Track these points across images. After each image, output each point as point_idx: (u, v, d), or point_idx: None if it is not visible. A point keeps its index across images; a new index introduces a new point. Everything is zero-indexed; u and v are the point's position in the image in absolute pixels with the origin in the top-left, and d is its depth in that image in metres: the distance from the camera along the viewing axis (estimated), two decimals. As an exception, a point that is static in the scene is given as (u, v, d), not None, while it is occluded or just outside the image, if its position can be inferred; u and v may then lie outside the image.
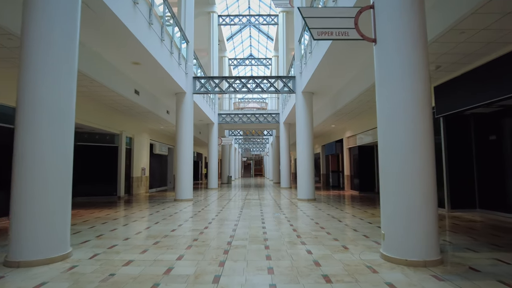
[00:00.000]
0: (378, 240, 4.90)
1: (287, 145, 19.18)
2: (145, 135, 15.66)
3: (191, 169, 11.54)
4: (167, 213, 8.12)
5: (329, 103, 12.75)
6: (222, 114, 19.81)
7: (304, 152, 11.32)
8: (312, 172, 11.30)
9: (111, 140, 12.96)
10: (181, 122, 11.54)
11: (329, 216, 7.51)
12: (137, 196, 13.37)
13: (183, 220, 6.88)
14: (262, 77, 11.94)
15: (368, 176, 14.66)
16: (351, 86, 9.97)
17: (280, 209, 8.81)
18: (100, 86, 8.31)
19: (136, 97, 10.23)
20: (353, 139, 15.37)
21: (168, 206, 9.58)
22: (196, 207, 9.50)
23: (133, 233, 5.52)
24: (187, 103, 11.64)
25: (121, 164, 13.00)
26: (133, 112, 11.92)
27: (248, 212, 8.15)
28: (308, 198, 11.11)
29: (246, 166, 57.97)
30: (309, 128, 11.42)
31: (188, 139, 11.53)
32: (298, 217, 7.33)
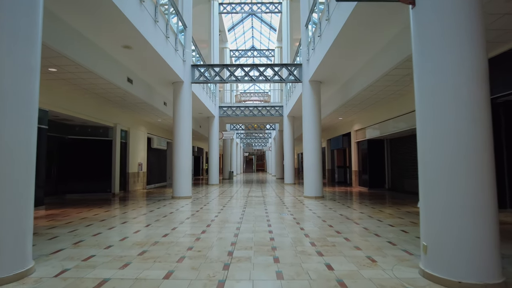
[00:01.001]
0: (409, 249, 4.08)
1: (291, 139, 18.33)
2: (142, 129, 14.84)
3: (189, 164, 10.73)
4: (162, 213, 7.33)
5: (338, 93, 11.87)
6: (223, 107, 18.94)
7: (312, 146, 10.47)
8: (320, 168, 10.47)
9: (104, 134, 12.15)
10: (179, 114, 10.70)
11: (342, 217, 6.69)
12: (133, 193, 12.59)
13: (178, 222, 6.08)
14: (265, 65, 11.05)
15: (378, 172, 13.81)
16: (364, 73, 9.08)
17: (286, 208, 8.00)
18: (87, 72, 7.46)
19: (129, 86, 9.39)
20: (362, 133, 14.50)
21: (164, 205, 8.79)
22: (195, 205, 8.71)
23: (118, 239, 4.72)
24: (185, 93, 10.79)
25: (116, 159, 12.20)
26: (127, 103, 11.08)
27: (252, 212, 7.35)
28: (316, 195, 10.30)
29: (248, 161, 57.21)
30: (316, 120, 10.56)
31: (186, 132, 10.70)
32: (307, 218, 6.51)
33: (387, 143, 13.82)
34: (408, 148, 11.90)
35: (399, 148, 12.75)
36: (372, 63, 8.38)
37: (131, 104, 11.22)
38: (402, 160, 12.51)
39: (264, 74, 10.92)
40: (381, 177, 13.82)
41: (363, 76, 9.17)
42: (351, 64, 9.00)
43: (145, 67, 9.27)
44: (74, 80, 8.13)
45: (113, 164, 12.15)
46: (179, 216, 6.79)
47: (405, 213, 7.14)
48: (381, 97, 10.27)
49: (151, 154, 16.66)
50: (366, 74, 8.93)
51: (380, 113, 12.09)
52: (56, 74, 7.56)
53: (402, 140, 12.42)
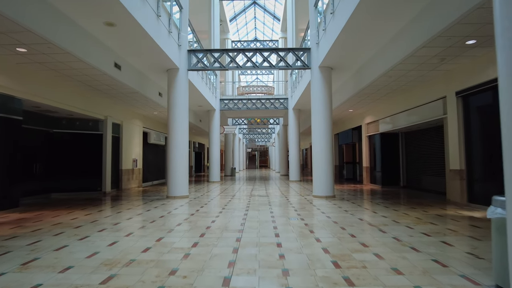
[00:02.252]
0: (468, 274, 3.01)
1: (297, 133, 17.24)
2: (137, 122, 13.81)
3: (185, 161, 9.69)
4: (151, 217, 6.30)
5: (350, 81, 10.74)
6: (225, 100, 17.86)
7: (322, 139, 9.39)
8: (331, 164, 9.40)
9: (94, 127, 11.13)
10: (174, 104, 9.64)
11: (362, 222, 5.62)
12: (127, 192, 11.60)
13: (166, 230, 5.04)
14: (270, 50, 9.94)
15: (392, 168, 12.70)
16: (383, 55, 7.95)
17: (295, 211, 6.95)
18: (64, 53, 6.41)
19: (117, 72, 8.34)
20: (375, 126, 13.37)
21: (156, 206, 7.77)
22: (191, 207, 7.68)
23: (85, 256, 3.69)
24: (181, 82, 9.72)
25: (107, 155, 11.19)
26: (117, 93, 10.03)
27: (255, 216, 6.30)
28: (326, 195, 9.23)
29: (251, 158, 56.18)
30: (327, 110, 9.46)
31: (182, 125, 9.65)
32: (322, 224, 5.45)
33: (402, 137, 12.69)
34: (427, 142, 10.78)
35: (416, 142, 11.63)
36: (395, 42, 7.25)
37: (122, 94, 10.17)
38: (419, 155, 11.39)
39: (268, 60, 9.82)
40: (395, 174, 12.71)
41: (381, 59, 8.05)
42: (369, 45, 7.87)
43: (134, 50, 8.21)
44: (51, 64, 7.08)
45: (104, 160, 11.15)
46: (170, 222, 5.75)
47: (435, 217, 6.06)
48: (400, 84, 9.14)
49: (148, 149, 15.66)
50: (385, 56, 7.80)
51: (396, 104, 10.96)
52: (28, 56, 6.51)
53: (419, 133, 11.29)
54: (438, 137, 9.92)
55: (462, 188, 7.54)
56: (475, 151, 7.36)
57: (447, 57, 6.92)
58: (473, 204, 7.26)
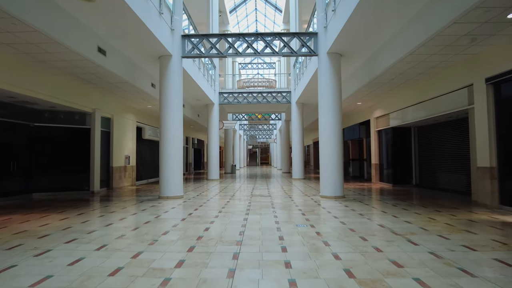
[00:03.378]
0: None
1: (300, 129, 16.30)
2: (130, 116, 12.89)
3: (180, 157, 8.78)
4: (135, 222, 5.40)
5: (361, 70, 9.78)
6: (224, 93, 16.92)
7: (330, 134, 8.46)
8: (340, 161, 8.48)
9: (81, 121, 10.22)
10: (167, 95, 8.71)
11: (385, 229, 4.71)
12: (117, 191, 10.71)
13: (148, 241, 4.14)
14: (273, 34, 8.99)
15: (404, 165, 11.77)
16: (402, 37, 6.99)
17: (302, 215, 6.04)
18: (32, 32, 5.48)
19: (101, 58, 7.41)
20: (385, 120, 12.42)
21: (145, 209, 6.87)
22: (184, 209, 6.78)
23: (30, 282, 2.79)
24: (174, 70, 8.78)
25: (95, 151, 10.29)
26: (104, 83, 9.10)
27: (257, 221, 5.39)
28: (335, 195, 8.32)
29: (252, 154, 55.27)
30: (336, 101, 8.52)
31: (176, 117, 8.73)
32: (337, 233, 4.54)
33: (414, 131, 11.75)
34: (445, 137, 9.84)
35: (431, 136, 10.69)
36: (418, 19, 6.29)
37: (110, 84, 9.24)
38: (434, 151, 10.45)
39: (271, 45, 8.86)
40: (406, 171, 11.78)
41: (400, 42, 7.09)
42: (386, 25, 6.91)
43: (120, 33, 7.27)
44: (21, 46, 6.15)
45: (92, 156, 10.24)
46: (155, 229, 4.85)
47: (469, 223, 5.14)
48: (418, 72, 8.18)
49: (143, 145, 14.76)
50: (405, 38, 6.84)
51: (411, 95, 10.00)
52: (-10, 34, 5.59)
53: (436, 127, 10.35)
54: (459, 131, 8.98)
55: (493, 189, 6.60)
56: (509, 146, 6.41)
57: (479, 37, 5.96)
58: (507, 207, 6.32)
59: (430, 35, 5.89)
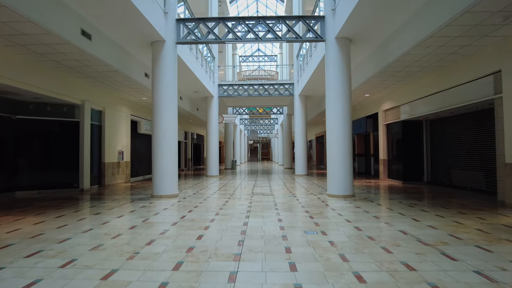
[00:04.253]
0: None
1: (303, 123, 15.54)
2: (124, 109, 12.16)
3: (174, 152, 8.06)
4: (119, 227, 4.70)
5: (371, 58, 8.99)
6: (223, 85, 16.14)
7: (339, 127, 7.71)
8: (350, 156, 7.75)
9: (69, 113, 9.49)
10: (160, 84, 7.96)
11: (409, 237, 3.99)
12: (109, 189, 10.02)
13: (127, 255, 3.43)
14: (276, 18, 8.20)
15: (415, 161, 11.04)
16: (418, 20, 6.20)
17: (310, 218, 5.32)
18: (1, 7, 4.74)
19: (86, 42, 6.65)
20: (394, 113, 11.66)
21: (134, 210, 6.17)
22: (177, 210, 6.08)
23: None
24: (168, 57, 8.03)
25: (85, 146, 9.58)
26: (92, 72, 8.35)
27: (259, 227, 4.69)
28: (344, 194, 7.61)
29: (253, 150, 54.60)
30: (345, 91, 7.76)
31: (170, 109, 7.99)
32: (355, 244, 3.83)
33: (426, 125, 10.99)
34: (462, 130, 9.09)
35: (446, 130, 9.93)
36: (429, 6, 5.51)
37: (98, 73, 8.49)
38: (449, 145, 9.71)
39: (274, 30, 8.09)
40: (417, 167, 11.05)
41: (419, 23, 6.30)
42: (403, 5, 6.12)
43: (105, 13, 6.51)
44: (-9, 26, 5.41)
45: (81, 152, 9.54)
46: (139, 237, 4.14)
47: (506, 229, 4.41)
48: (436, 58, 7.40)
49: (138, 140, 14.05)
50: (425, 18, 6.05)
51: (425, 85, 9.22)
52: (-49, 11, 4.84)
53: (452, 119, 9.59)
54: (480, 123, 8.23)
55: (525, 188, 5.88)
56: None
57: (514, 14, 5.18)
58: (541, 209, 5.60)
59: (458, 11, 5.11)
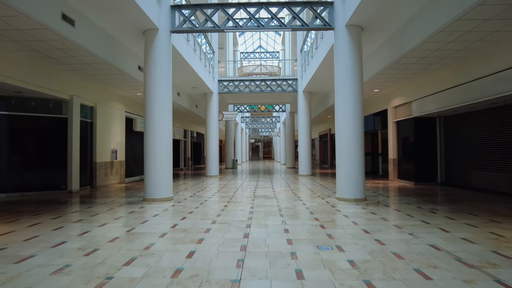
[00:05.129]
0: None
1: (307, 120, 14.81)
2: (118, 106, 11.46)
3: (169, 151, 7.35)
4: (97, 240, 4.00)
5: (383, 48, 8.24)
6: (224, 81, 15.41)
7: (350, 123, 6.99)
8: (362, 155, 7.03)
9: (56, 109, 8.80)
10: (152, 76, 7.25)
11: (445, 255, 3.27)
12: (101, 190, 9.33)
13: (97, 280, 2.73)
14: (280, 4, 7.47)
15: (427, 161, 10.31)
16: (442, 2, 5.48)
17: (321, 228, 4.61)
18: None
19: (68, 28, 5.94)
20: (406, 109, 10.91)
21: (120, 216, 5.47)
22: (169, 217, 5.37)
23: None
24: (162, 47, 7.31)
25: (73, 144, 8.89)
26: (79, 63, 7.64)
27: (262, 239, 3.98)
28: (356, 197, 6.89)
29: (254, 149, 53.90)
30: (357, 82, 7.04)
31: (164, 104, 7.28)
32: (380, 263, 3.11)
33: (440, 122, 10.25)
34: (482, 127, 8.35)
35: (462, 128, 9.20)
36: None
37: (86, 65, 7.78)
38: (467, 144, 8.97)
39: (277, 17, 7.36)
40: (431, 167, 10.32)
41: (444, 5, 5.55)
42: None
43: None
44: (-47, 6, 4.70)
45: (70, 150, 8.85)
46: (118, 254, 3.43)
47: (558, 243, 3.69)
48: (459, 47, 6.65)
49: (134, 138, 13.35)
50: (436, 12, 5.32)
51: (443, 78, 8.48)
52: None
53: (468, 116, 8.85)
54: (504, 120, 7.50)
55: None
56: None
57: (560, -10, 4.44)
58: None
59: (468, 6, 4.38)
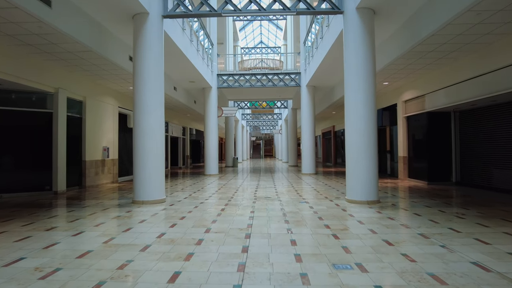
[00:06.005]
0: None
1: (311, 116, 14.08)
2: (110, 100, 10.75)
3: (160, 149, 6.65)
4: (66, 254, 3.31)
5: (397, 36, 7.49)
6: (223, 75, 14.68)
7: (362, 116, 6.28)
8: (375, 153, 6.33)
9: (40, 103, 8.11)
10: (142, 65, 6.54)
11: (498, 278, 2.56)
12: (90, 191, 8.66)
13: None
14: (283, -16, 6.76)
15: (442, 158, 9.59)
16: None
17: (334, 237, 3.90)
18: None
19: (43, 9, 5.23)
20: (418, 103, 10.17)
21: (102, 223, 4.78)
22: (156, 225, 4.68)
23: None
24: (152, 33, 6.59)
25: (59, 141, 8.20)
26: (61, 51, 6.92)
27: (265, 255, 3.28)
28: (368, 199, 6.18)
29: (255, 146, 53.15)
30: (369, 72, 6.32)
31: (155, 96, 6.57)
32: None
33: (455, 117, 9.52)
34: (503, 122, 7.62)
35: (480, 123, 8.47)
36: None
37: (69, 53, 7.06)
38: (485, 141, 8.25)
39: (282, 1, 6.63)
40: (445, 166, 9.60)
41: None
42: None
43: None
44: None
45: (55, 148, 8.16)
46: (87, 274, 2.74)
47: None
48: (487, 30, 5.88)
49: (128, 135, 12.61)
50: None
51: (460, 68, 7.74)
52: None
53: (488, 110, 8.12)
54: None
55: None
56: None
57: None
58: None
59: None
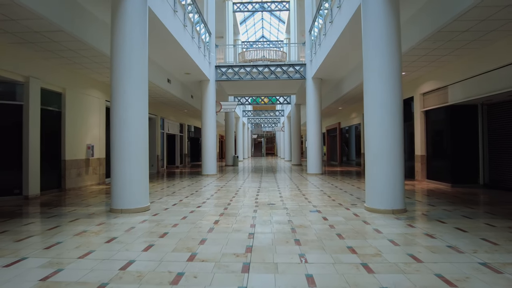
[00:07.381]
0: None
1: (317, 111, 12.98)
2: (95, 93, 9.67)
3: (143, 148, 5.56)
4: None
5: (424, 13, 6.34)
6: (222, 67, 13.57)
7: (385, 105, 5.22)
8: (401, 153, 5.23)
9: (8, 94, 7.04)
10: (121, 44, 5.44)
11: None
12: (69, 194, 7.60)
13: None
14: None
15: (467, 158, 8.49)
16: None
17: (365, 269, 2.82)
18: None
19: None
20: (439, 95, 9.05)
21: (57, 243, 3.71)
22: (128, 246, 3.60)
23: None
24: (134, 9, 5.49)
25: (30, 138, 7.14)
26: (25, 31, 5.81)
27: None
28: (393, 207, 5.10)
29: (257, 144, 52.08)
30: (394, 54, 5.23)
31: (136, 83, 5.47)
32: None
33: (483, 110, 8.41)
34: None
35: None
36: None
37: (36, 34, 5.95)
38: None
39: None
40: (471, 166, 8.51)
41: None
42: None
43: None
44: None
45: (26, 145, 7.10)
46: None
47: None
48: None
49: (118, 132, 11.55)
50: None
51: (496, 52, 6.62)
52: None
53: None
54: None
55: None
56: None
57: None
58: None
59: None
